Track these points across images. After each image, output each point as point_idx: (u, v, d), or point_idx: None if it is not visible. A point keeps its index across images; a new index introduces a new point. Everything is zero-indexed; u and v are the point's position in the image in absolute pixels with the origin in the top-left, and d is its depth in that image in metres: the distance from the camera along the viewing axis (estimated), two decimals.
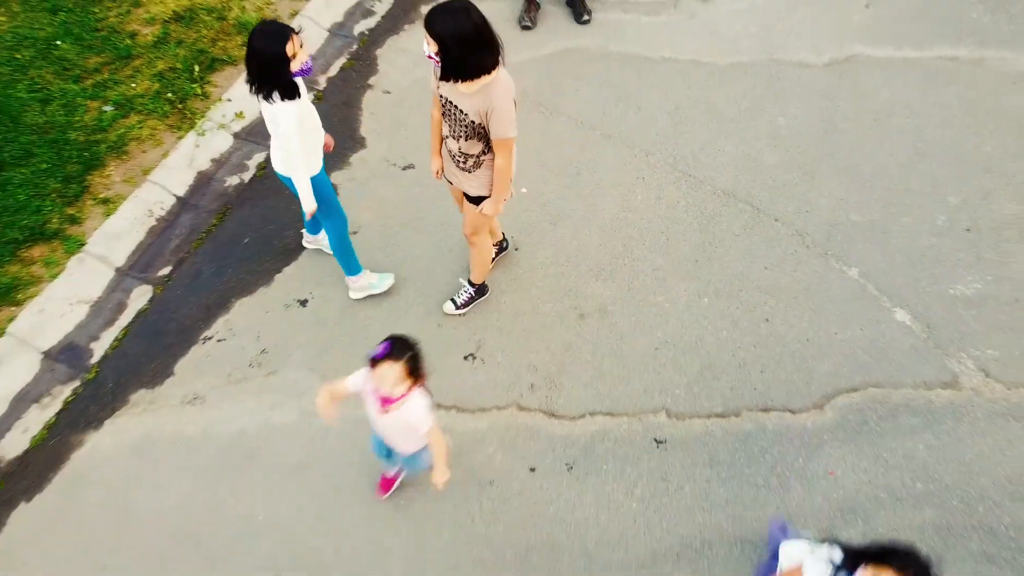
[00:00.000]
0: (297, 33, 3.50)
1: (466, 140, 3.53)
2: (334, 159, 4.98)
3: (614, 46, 5.78)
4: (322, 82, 5.53)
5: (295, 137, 3.60)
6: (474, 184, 3.74)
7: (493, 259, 4.44)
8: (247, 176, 5.03)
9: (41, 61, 5.41)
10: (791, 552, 2.91)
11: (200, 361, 4.24)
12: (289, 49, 3.44)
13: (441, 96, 3.51)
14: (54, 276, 4.47)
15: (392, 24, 5.94)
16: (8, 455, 3.93)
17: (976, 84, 5.46)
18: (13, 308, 4.34)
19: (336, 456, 3.91)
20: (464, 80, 3.33)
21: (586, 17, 5.91)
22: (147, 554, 3.65)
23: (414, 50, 5.63)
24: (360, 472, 3.85)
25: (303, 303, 4.47)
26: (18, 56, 5.41)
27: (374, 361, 2.88)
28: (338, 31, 5.87)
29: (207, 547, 3.68)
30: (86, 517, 3.77)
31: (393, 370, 2.87)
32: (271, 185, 4.85)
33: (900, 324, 4.32)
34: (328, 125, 4.11)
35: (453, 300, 4.39)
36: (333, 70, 5.63)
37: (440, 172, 3.92)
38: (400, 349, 2.89)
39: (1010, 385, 4.09)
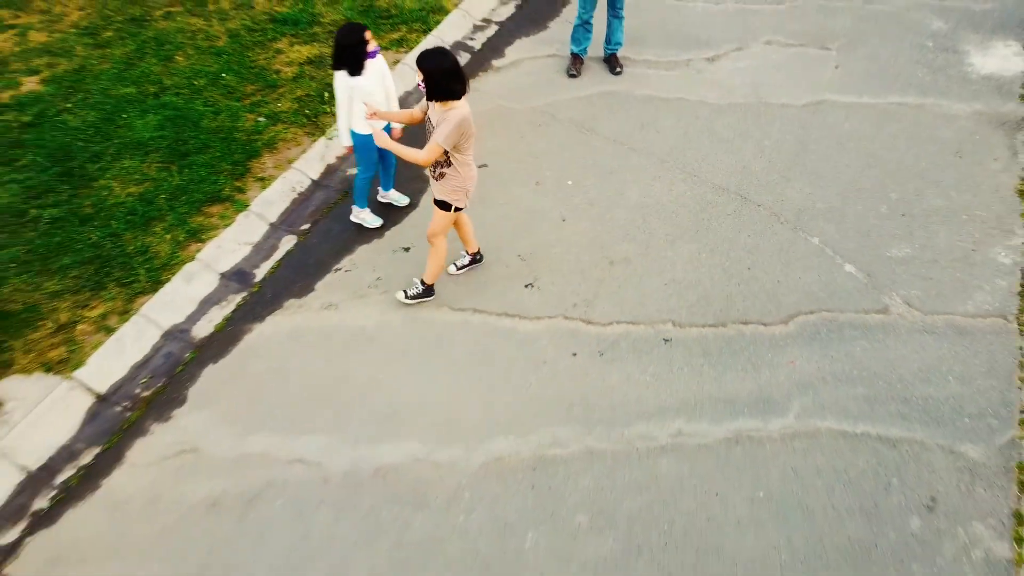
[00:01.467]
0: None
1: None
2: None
3: (639, 90, 7.56)
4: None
5: (337, 95, 5.37)
6: (437, 190, 5.15)
7: (467, 267, 5.86)
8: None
9: (212, 87, 7.30)
10: None
11: (333, 283, 5.85)
12: (367, 36, 5.18)
13: (427, 116, 4.98)
14: (227, 225, 6.15)
15: (478, 66, 7.79)
16: (200, 335, 5.50)
17: (917, 121, 7.13)
18: (199, 244, 6.00)
19: (429, 347, 5.43)
20: (443, 101, 4.70)
21: (619, 69, 7.72)
22: (296, 403, 5.14)
23: (486, 88, 7.46)
24: (446, 355, 5.36)
25: (406, 249, 6.10)
26: (195, 83, 7.31)
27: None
28: None
29: (338, 400, 5.17)
30: (253, 377, 5.29)
31: None
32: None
33: (848, 273, 5.83)
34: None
35: (405, 291, 5.65)
36: None
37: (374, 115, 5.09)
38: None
39: (927, 313, 5.55)
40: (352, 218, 6.26)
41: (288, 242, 6.16)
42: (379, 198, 6.36)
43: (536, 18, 8.59)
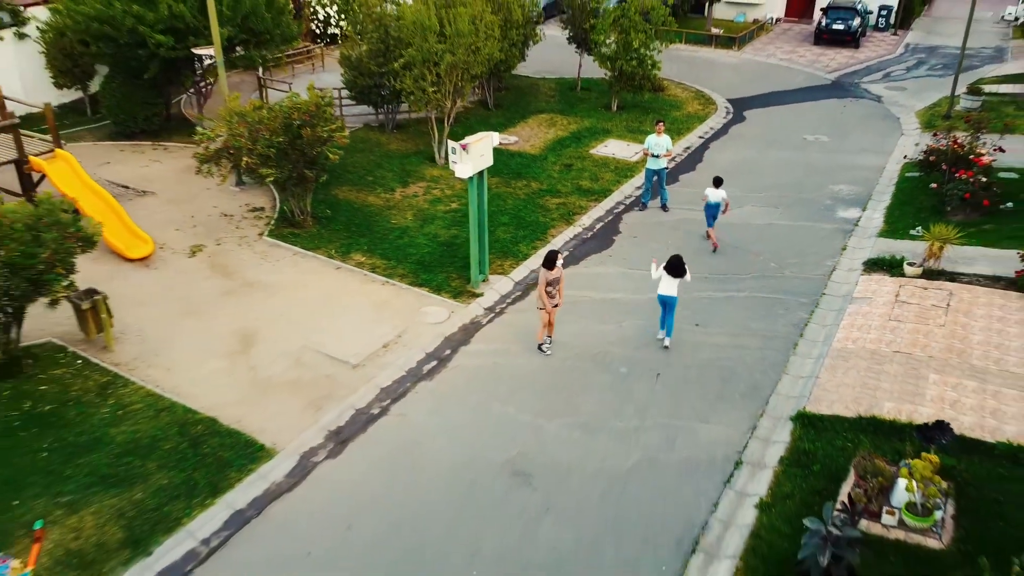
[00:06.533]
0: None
1: (556, 287, 15.50)
2: (605, 240, 17.69)
3: (700, 217, 18.53)
4: (596, 226, 18.38)
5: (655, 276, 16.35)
6: (557, 299, 15.60)
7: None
8: (600, 223, 17.68)
9: (525, 209, 18.64)
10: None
11: (599, 258, 16.51)
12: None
13: (546, 278, 15.67)
14: (545, 244, 16.98)
15: (628, 208, 18.93)
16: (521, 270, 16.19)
17: (811, 229, 17.82)
18: (535, 249, 16.81)
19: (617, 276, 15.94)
20: (554, 268, 15.37)
21: (668, 209, 18.78)
22: (590, 285, 15.60)
23: (634, 216, 18.57)
24: (622, 270, 15.84)
25: (610, 256, 16.83)
26: (519, 207, 18.63)
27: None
28: (611, 211, 18.89)
29: (595, 286, 15.63)
30: (572, 276, 15.83)
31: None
32: (623, 225, 17.50)
33: (771, 266, 16.22)
34: (603, 232, 16.79)
35: (541, 345, 16.27)
36: (606, 217, 18.52)
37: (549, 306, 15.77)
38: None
39: (799, 274, 15.84)
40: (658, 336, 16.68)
41: (567, 247, 16.93)
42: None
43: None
